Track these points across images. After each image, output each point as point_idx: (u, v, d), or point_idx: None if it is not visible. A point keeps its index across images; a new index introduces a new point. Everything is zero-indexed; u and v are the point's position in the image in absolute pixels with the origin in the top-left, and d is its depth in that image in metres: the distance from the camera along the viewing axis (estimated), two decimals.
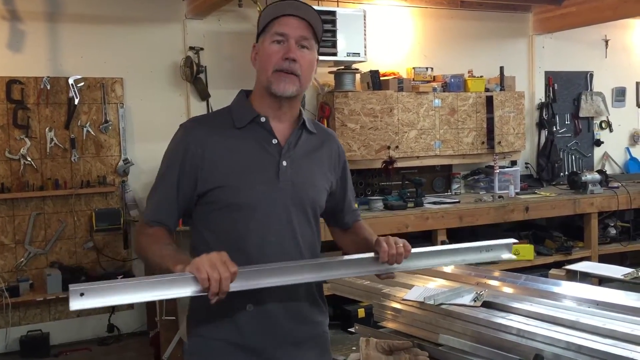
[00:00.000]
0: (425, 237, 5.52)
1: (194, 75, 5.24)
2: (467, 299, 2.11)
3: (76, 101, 4.89)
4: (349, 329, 2.95)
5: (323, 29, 1.75)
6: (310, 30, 1.70)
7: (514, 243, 1.88)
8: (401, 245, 1.66)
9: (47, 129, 4.85)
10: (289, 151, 1.72)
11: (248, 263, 1.56)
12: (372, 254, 1.68)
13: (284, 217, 1.69)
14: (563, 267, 2.80)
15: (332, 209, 1.90)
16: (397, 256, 1.65)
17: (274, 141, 1.71)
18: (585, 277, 2.64)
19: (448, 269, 2.73)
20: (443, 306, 2.09)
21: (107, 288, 1.41)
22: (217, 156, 1.67)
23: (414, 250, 1.69)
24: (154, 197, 1.74)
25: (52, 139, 4.86)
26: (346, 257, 1.71)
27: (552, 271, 2.80)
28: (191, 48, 5.25)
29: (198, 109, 5.22)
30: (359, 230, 1.92)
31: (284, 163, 1.70)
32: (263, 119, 1.71)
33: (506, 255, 1.86)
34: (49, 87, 4.83)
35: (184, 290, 1.44)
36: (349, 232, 1.95)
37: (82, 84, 4.93)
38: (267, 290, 1.60)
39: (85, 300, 1.38)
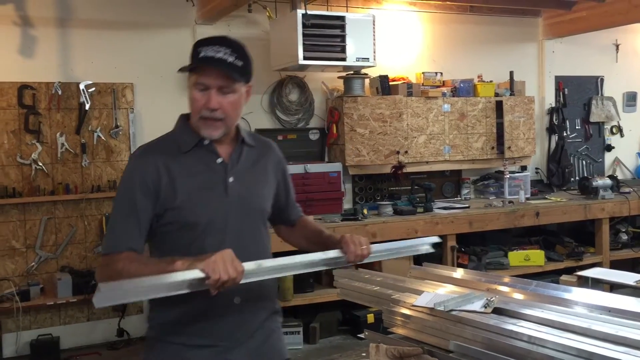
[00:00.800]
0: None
1: None
2: (477, 305, 2.10)
3: (87, 106, 4.93)
4: (358, 335, 2.95)
5: (251, 62, 1.88)
6: (230, 78, 1.82)
7: (436, 242, 2.32)
8: (365, 247, 1.94)
9: (58, 134, 4.89)
10: (233, 167, 1.90)
11: None
12: (339, 252, 1.93)
13: (237, 229, 1.87)
14: (574, 273, 2.77)
15: (278, 209, 2.10)
16: (362, 257, 1.94)
17: (219, 160, 1.89)
18: (597, 284, 2.62)
19: (458, 275, 2.71)
20: (453, 312, 2.08)
21: (127, 290, 1.55)
22: (170, 179, 1.82)
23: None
24: (118, 226, 1.83)
25: (63, 144, 4.89)
26: (320, 254, 1.92)
27: (564, 277, 2.79)
28: None
29: None
30: (307, 224, 2.18)
31: (231, 179, 1.88)
32: (207, 142, 1.88)
33: (429, 250, 2.33)
34: (60, 92, 4.87)
35: (195, 287, 1.59)
36: (296, 228, 2.17)
37: (93, 89, 4.96)
38: (249, 289, 1.80)
39: (106, 301, 1.51)
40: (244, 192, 1.90)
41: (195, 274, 1.58)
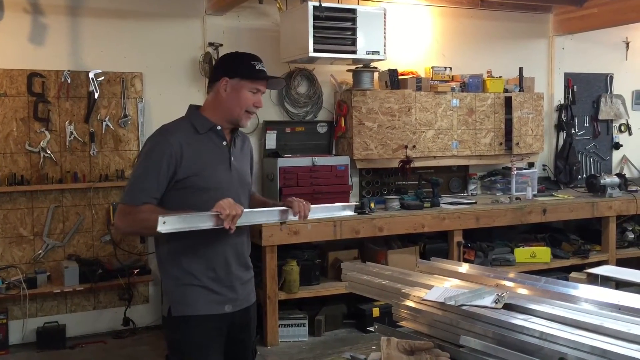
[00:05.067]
0: (441, 237, 5.51)
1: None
2: (488, 301, 2.10)
3: (96, 95, 4.93)
4: (367, 328, 2.95)
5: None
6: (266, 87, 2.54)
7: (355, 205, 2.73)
8: (306, 204, 2.54)
9: (67, 123, 4.89)
10: (232, 150, 2.51)
11: (215, 230, 2.25)
12: (286, 208, 2.54)
13: (235, 195, 2.40)
14: (584, 271, 2.77)
15: None
16: (305, 210, 2.52)
17: (224, 143, 2.49)
18: (606, 281, 2.62)
19: (463, 269, 2.71)
20: (464, 307, 2.08)
21: (176, 219, 2.14)
22: (190, 153, 2.36)
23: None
24: (142, 183, 2.32)
25: (71, 133, 4.90)
26: (273, 208, 2.57)
27: (573, 274, 2.78)
28: (210, 44, 5.26)
29: None
30: (257, 197, 2.80)
31: (232, 158, 2.49)
32: (219, 128, 2.47)
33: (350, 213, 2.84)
34: (69, 80, 4.87)
35: (212, 224, 2.20)
36: (251, 198, 2.72)
37: (102, 78, 4.96)
38: (230, 249, 2.47)
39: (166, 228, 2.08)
40: (240, 168, 2.54)
41: (212, 212, 2.19)
